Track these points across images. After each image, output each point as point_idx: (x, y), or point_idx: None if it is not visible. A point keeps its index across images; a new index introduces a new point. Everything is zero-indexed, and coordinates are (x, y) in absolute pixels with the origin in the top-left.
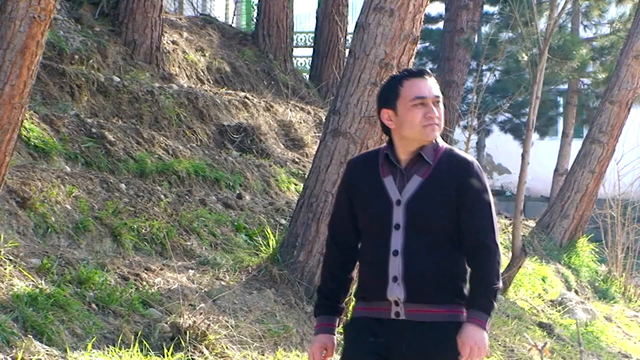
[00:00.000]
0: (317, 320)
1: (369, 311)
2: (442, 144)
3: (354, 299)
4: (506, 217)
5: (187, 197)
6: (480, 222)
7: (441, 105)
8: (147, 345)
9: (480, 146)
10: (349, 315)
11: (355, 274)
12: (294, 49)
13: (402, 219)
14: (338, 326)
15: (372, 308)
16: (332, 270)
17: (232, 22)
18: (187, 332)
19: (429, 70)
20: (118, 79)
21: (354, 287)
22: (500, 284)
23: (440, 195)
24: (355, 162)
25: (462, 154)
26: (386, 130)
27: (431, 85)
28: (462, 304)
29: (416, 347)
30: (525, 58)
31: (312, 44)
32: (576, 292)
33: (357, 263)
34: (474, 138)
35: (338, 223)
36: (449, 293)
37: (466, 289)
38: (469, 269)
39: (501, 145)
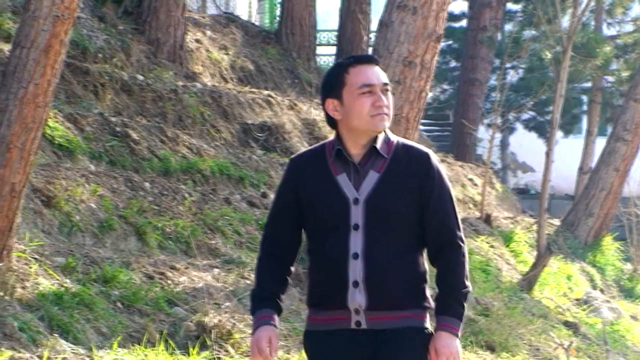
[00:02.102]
0: (256, 315)
1: (325, 322)
2: (392, 136)
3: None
4: (531, 216)
5: (211, 195)
6: (446, 220)
7: (390, 93)
8: (172, 344)
9: (504, 144)
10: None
11: (290, 279)
12: (317, 47)
13: (361, 218)
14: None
15: (328, 318)
16: (269, 272)
17: (256, 21)
18: (213, 330)
19: (375, 57)
20: (142, 78)
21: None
22: (470, 286)
23: (400, 191)
24: (300, 160)
25: (418, 146)
26: (331, 122)
27: (379, 72)
28: (425, 307)
29: (381, 358)
30: (549, 56)
31: (335, 43)
32: (601, 290)
33: (293, 268)
34: (498, 136)
35: (277, 224)
36: (412, 298)
37: (428, 290)
38: (428, 267)
39: (525, 144)
